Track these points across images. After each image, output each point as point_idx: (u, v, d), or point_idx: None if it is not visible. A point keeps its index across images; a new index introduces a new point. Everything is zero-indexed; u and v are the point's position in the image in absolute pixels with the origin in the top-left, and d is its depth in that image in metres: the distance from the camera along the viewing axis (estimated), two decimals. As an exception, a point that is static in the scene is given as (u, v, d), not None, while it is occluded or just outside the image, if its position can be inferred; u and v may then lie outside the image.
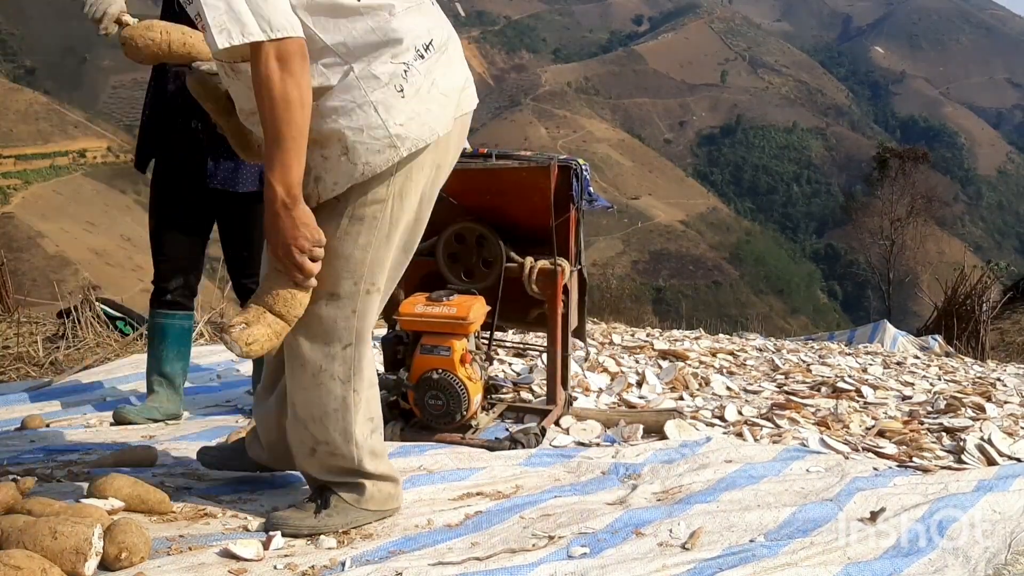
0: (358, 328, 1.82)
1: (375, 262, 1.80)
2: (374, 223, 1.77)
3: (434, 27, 1.79)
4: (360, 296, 1.80)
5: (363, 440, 1.88)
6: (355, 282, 1.79)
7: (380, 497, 1.93)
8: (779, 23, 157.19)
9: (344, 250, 1.76)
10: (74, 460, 2.41)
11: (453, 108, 1.82)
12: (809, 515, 2.04)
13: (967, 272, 9.47)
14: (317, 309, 1.78)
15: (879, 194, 28.83)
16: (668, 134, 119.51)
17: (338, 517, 1.88)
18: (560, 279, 2.91)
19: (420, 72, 1.74)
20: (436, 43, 1.77)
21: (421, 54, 1.74)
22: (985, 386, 4.26)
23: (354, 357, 1.83)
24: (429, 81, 1.75)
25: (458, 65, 1.85)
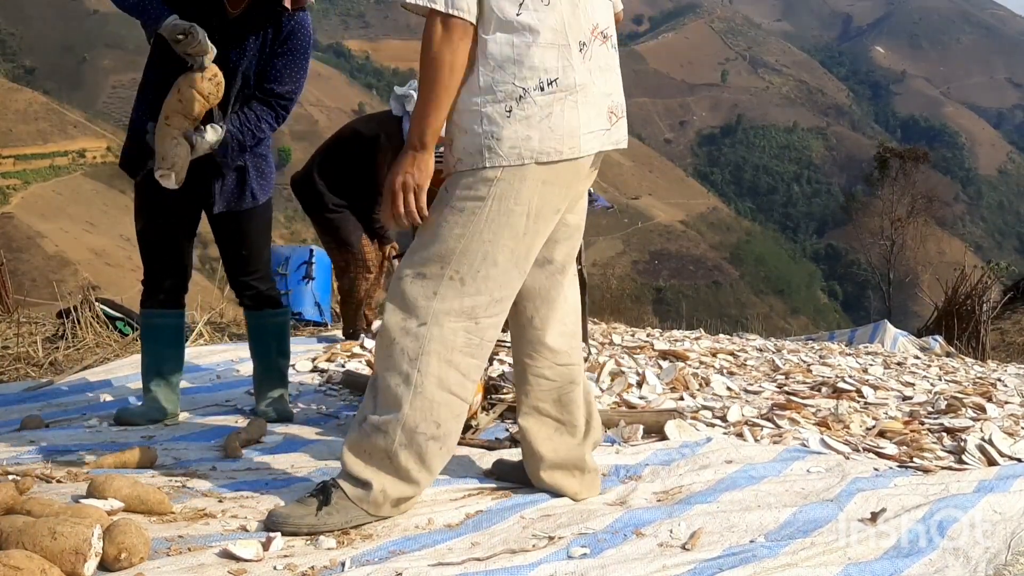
0: (436, 311, 1.87)
1: (465, 252, 1.88)
2: (471, 216, 1.87)
3: (568, 69, 1.90)
4: (444, 281, 1.88)
5: (414, 430, 1.88)
6: (441, 266, 1.88)
7: (385, 503, 1.92)
8: (779, 23, 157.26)
9: (440, 234, 1.89)
10: (74, 460, 2.41)
11: (562, 145, 1.92)
12: (810, 515, 2.03)
13: (967, 272, 9.47)
14: (404, 283, 1.90)
15: (879, 194, 28.85)
16: (668, 134, 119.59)
17: (338, 515, 1.87)
18: (560, 279, 2.90)
19: (536, 103, 1.87)
20: (562, 83, 1.89)
21: (542, 87, 1.88)
22: (986, 386, 4.26)
23: (427, 339, 1.87)
24: (545, 113, 1.88)
25: (585, 110, 1.94)
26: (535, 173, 1.89)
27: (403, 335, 1.89)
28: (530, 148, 1.87)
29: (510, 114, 1.86)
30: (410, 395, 1.88)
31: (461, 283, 1.89)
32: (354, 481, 1.91)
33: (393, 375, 1.89)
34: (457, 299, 1.88)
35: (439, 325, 1.88)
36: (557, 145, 1.90)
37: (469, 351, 1.91)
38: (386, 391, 1.90)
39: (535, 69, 1.86)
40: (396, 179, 1.87)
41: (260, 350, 3.12)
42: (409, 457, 1.90)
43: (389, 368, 1.90)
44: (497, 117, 1.86)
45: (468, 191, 1.88)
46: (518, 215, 1.89)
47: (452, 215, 1.89)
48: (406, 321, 1.89)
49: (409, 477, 1.92)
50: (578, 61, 1.92)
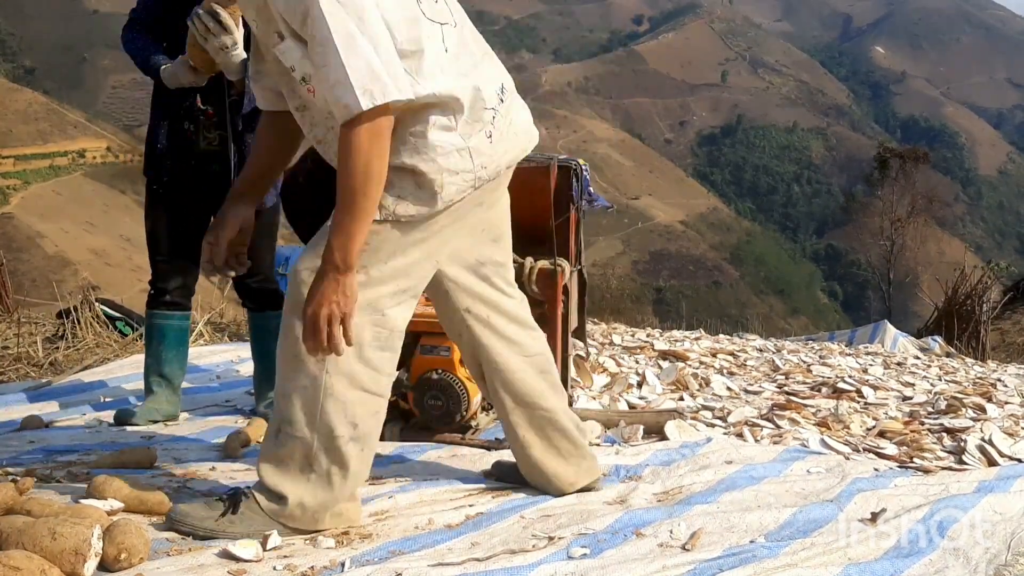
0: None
1: (374, 250, 1.78)
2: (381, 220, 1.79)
3: (502, 71, 1.92)
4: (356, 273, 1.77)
5: (330, 434, 1.80)
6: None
7: (304, 515, 1.83)
8: (779, 23, 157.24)
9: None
10: (74, 460, 2.41)
11: (526, 141, 1.94)
12: (810, 516, 2.03)
13: (967, 272, 9.48)
14: (302, 279, 1.78)
15: (879, 194, 28.83)
16: (668, 134, 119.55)
17: (240, 525, 1.79)
18: (560, 279, 2.91)
19: (502, 115, 1.86)
20: (507, 85, 1.90)
21: (501, 98, 1.86)
22: (986, 386, 4.26)
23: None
24: (507, 121, 1.88)
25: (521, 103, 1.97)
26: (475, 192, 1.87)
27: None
28: (505, 160, 1.87)
29: (491, 138, 1.83)
30: (321, 398, 1.79)
31: (366, 275, 1.78)
32: (269, 494, 1.83)
33: (301, 378, 1.80)
34: (360, 294, 1.76)
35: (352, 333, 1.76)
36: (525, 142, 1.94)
37: (379, 344, 1.83)
38: (296, 396, 1.81)
39: (489, 86, 1.84)
40: (320, 310, 1.68)
41: (262, 351, 3.12)
42: (330, 462, 1.82)
43: (296, 372, 1.80)
44: (482, 146, 1.82)
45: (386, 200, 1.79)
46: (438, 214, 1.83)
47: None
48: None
49: (331, 483, 1.83)
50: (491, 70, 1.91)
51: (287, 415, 1.82)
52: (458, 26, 1.86)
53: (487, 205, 1.98)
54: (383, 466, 2.41)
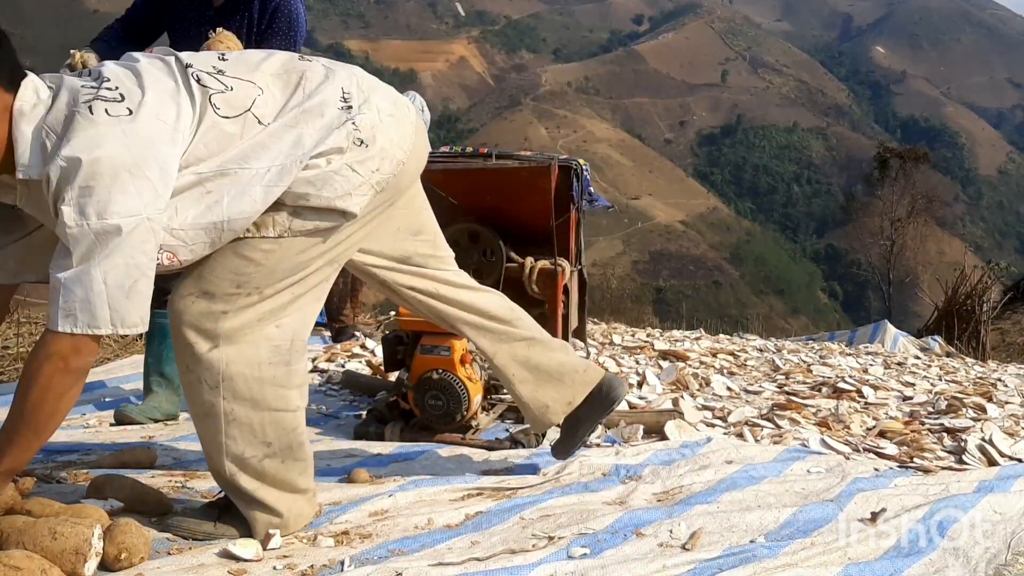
0: (227, 331, 1.70)
1: (269, 272, 1.72)
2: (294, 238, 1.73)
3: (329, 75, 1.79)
4: (239, 299, 1.71)
5: (240, 457, 1.76)
6: (238, 285, 1.70)
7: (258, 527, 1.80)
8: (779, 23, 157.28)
9: (241, 250, 1.70)
10: (74, 460, 2.41)
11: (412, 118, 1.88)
12: (810, 516, 2.03)
13: (967, 272, 9.48)
14: (186, 302, 1.71)
15: (879, 194, 28.81)
16: (668, 134, 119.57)
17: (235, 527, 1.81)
18: (560, 279, 2.91)
19: (364, 114, 1.77)
20: (345, 85, 1.79)
21: (348, 103, 1.76)
22: (986, 386, 4.26)
23: (226, 363, 1.71)
24: (375, 114, 1.79)
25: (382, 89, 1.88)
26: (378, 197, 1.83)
27: (196, 364, 1.72)
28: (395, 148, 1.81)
29: (364, 144, 1.75)
30: (223, 425, 1.73)
31: (260, 295, 1.72)
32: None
33: (198, 406, 1.75)
34: (252, 310, 1.71)
35: (235, 343, 1.71)
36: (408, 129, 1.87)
37: (279, 359, 1.75)
38: (200, 424, 1.77)
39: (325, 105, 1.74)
40: None
41: None
42: (251, 482, 1.78)
43: (193, 401, 1.76)
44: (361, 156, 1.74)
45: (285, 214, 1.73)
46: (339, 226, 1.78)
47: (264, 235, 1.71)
48: (193, 350, 1.71)
49: (263, 502, 1.79)
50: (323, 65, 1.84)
51: (202, 442, 1.80)
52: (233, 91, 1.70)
53: (398, 204, 1.94)
54: (383, 466, 2.41)
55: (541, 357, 2.20)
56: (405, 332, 2.79)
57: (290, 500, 1.83)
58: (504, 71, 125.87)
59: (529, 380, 2.20)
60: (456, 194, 3.02)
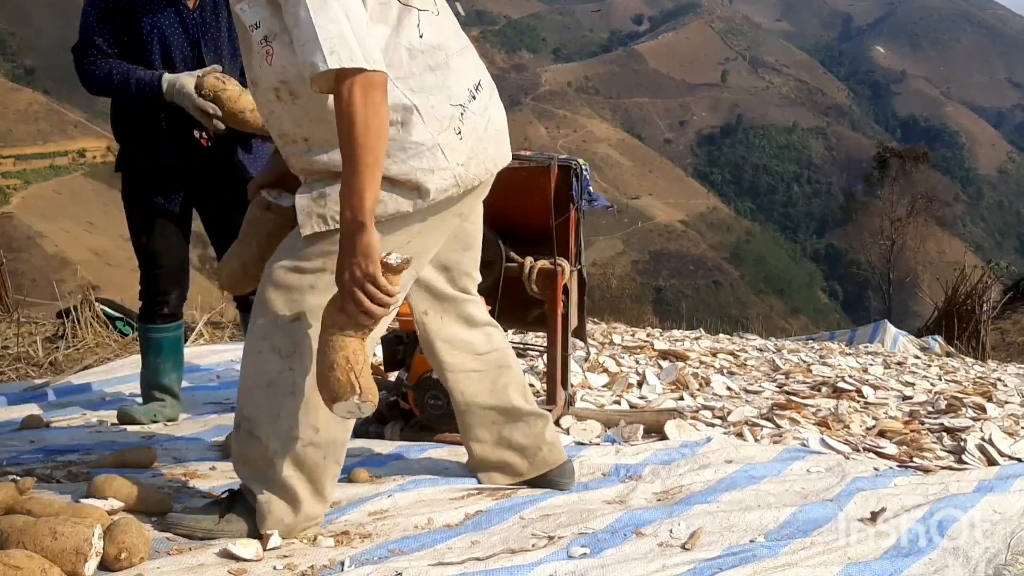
0: (312, 305, 1.73)
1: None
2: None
3: (480, 68, 1.89)
4: (325, 275, 1.72)
5: (288, 436, 1.76)
6: (324, 260, 1.75)
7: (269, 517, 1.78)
8: (779, 23, 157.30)
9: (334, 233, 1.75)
10: (74, 460, 2.41)
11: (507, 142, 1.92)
12: (809, 515, 2.03)
13: (967, 272, 9.49)
14: (277, 274, 1.76)
15: (879, 194, 28.85)
16: (668, 134, 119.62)
17: (236, 524, 1.79)
18: (560, 279, 2.91)
19: (475, 112, 1.82)
20: (484, 82, 1.87)
21: (474, 95, 1.83)
22: (986, 386, 4.26)
23: (302, 334, 1.74)
24: (485, 120, 1.85)
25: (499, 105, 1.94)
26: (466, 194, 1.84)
27: (274, 329, 1.75)
28: (487, 158, 1.84)
29: (460, 135, 1.78)
30: (282, 396, 1.75)
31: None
32: (247, 491, 1.81)
33: (264, 375, 1.76)
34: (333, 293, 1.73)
35: (315, 321, 1.72)
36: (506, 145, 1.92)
37: None
38: (257, 392, 1.77)
39: (460, 81, 1.81)
40: (344, 276, 1.61)
41: None
42: (288, 466, 1.77)
43: (259, 368, 1.77)
44: (454, 143, 1.77)
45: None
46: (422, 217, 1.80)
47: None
48: (278, 315, 1.75)
49: (290, 490, 1.78)
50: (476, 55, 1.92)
51: (247, 412, 1.79)
52: (439, 15, 1.83)
53: (464, 216, 1.97)
54: (383, 465, 2.42)
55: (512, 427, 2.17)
56: (405, 332, 2.79)
57: (312, 502, 1.82)
58: (504, 71, 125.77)
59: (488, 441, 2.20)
60: (456, 194, 3.02)
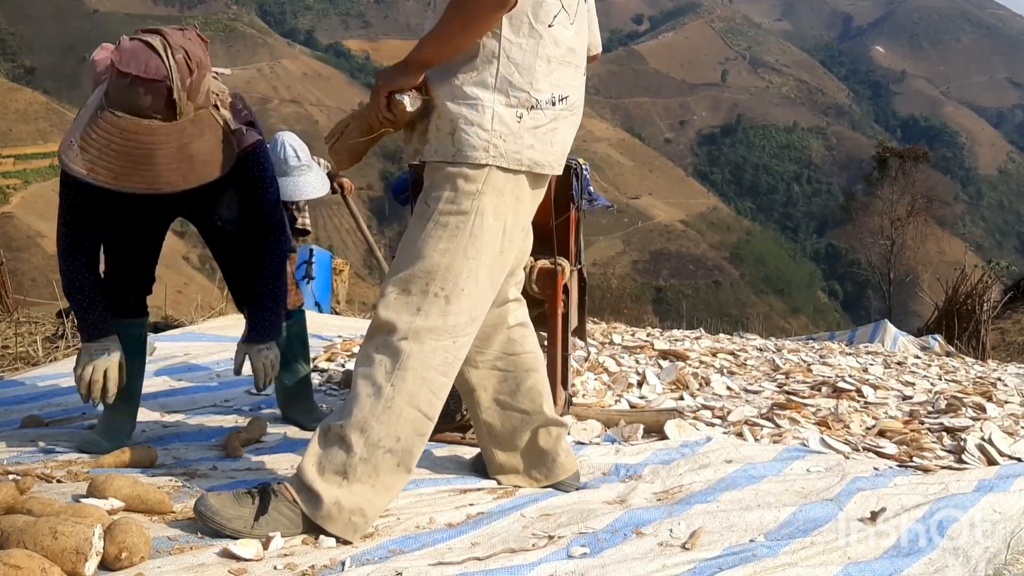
0: (418, 328, 1.86)
1: (449, 269, 1.86)
2: (456, 232, 1.86)
3: (577, 88, 1.96)
4: (428, 298, 1.86)
5: (376, 444, 1.84)
6: (427, 283, 1.87)
7: (340, 517, 1.82)
8: (779, 22, 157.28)
9: (424, 251, 1.87)
10: (74, 460, 2.41)
11: (555, 160, 1.95)
12: (809, 515, 2.04)
13: (968, 272, 9.48)
14: (389, 298, 1.89)
15: (879, 194, 28.86)
16: (668, 134, 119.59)
17: (271, 526, 1.80)
18: (560, 279, 2.91)
19: (545, 116, 1.88)
20: (571, 101, 1.94)
21: (554, 102, 1.89)
22: (986, 386, 4.26)
23: (406, 354, 1.85)
24: (551, 127, 1.90)
25: (575, 129, 2.00)
26: (516, 185, 1.90)
27: (384, 348, 1.87)
28: (530, 157, 1.88)
29: (520, 120, 1.85)
30: (379, 408, 1.85)
31: (446, 301, 1.87)
32: (307, 493, 1.83)
33: (367, 386, 1.87)
34: (440, 317, 1.87)
35: (420, 342, 1.86)
36: (551, 159, 1.94)
37: (443, 370, 1.90)
38: (356, 402, 1.87)
39: (553, 84, 1.88)
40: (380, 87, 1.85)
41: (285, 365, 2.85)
42: (365, 471, 1.85)
43: (364, 379, 1.88)
44: (509, 120, 1.84)
45: (451, 205, 1.87)
46: (495, 231, 1.90)
47: (436, 230, 1.87)
48: (388, 336, 1.87)
49: (362, 491, 1.84)
50: (581, 82, 1.98)
51: (344, 419, 1.86)
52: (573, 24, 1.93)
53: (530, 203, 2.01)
54: (383, 465, 2.41)
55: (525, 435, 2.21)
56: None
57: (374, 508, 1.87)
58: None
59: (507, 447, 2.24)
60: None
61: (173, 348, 4.21)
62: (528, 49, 1.84)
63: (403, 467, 1.90)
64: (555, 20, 1.86)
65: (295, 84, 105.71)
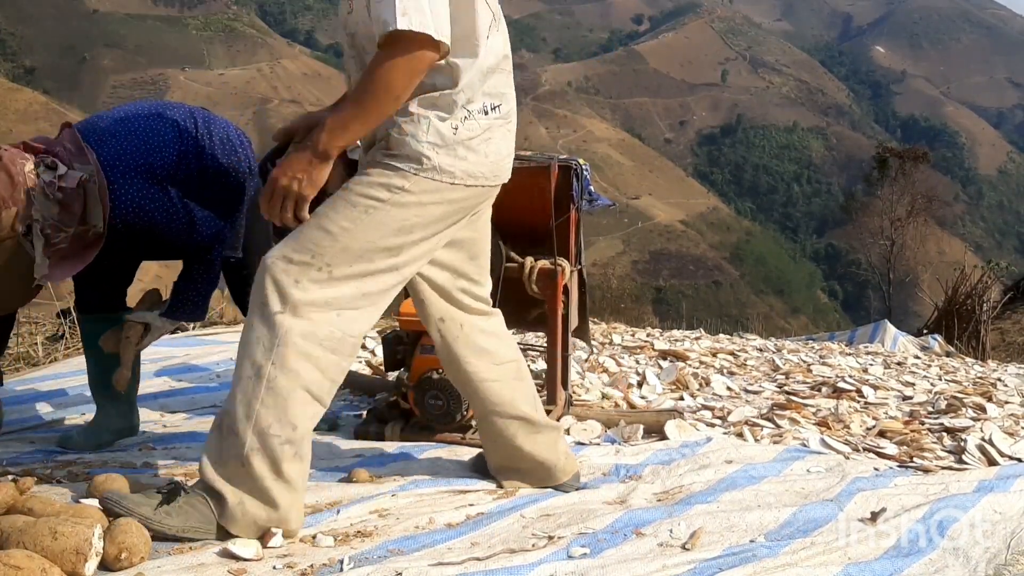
0: (295, 301, 1.75)
1: (345, 248, 1.78)
2: (363, 214, 1.79)
3: (509, 94, 1.95)
4: (311, 271, 1.76)
5: (265, 430, 1.74)
6: (313, 255, 1.77)
7: (243, 521, 1.75)
8: (779, 22, 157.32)
9: (323, 223, 1.79)
10: (74, 460, 2.42)
11: (490, 171, 1.91)
12: (810, 515, 2.03)
13: (967, 272, 9.47)
14: (269, 266, 1.77)
15: (879, 194, 28.85)
16: (668, 134, 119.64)
17: (176, 519, 1.74)
18: (560, 279, 2.91)
19: (479, 126, 1.86)
20: (504, 110, 1.92)
21: (486, 111, 1.88)
22: (986, 386, 4.26)
23: (285, 328, 1.74)
24: (485, 137, 1.88)
25: (511, 137, 1.98)
26: (453, 193, 1.85)
27: (261, 322, 1.76)
28: (463, 169, 1.85)
29: (455, 132, 1.83)
30: (261, 390, 1.74)
31: (329, 275, 1.78)
32: (209, 491, 1.76)
33: (246, 366, 1.76)
34: (320, 290, 1.77)
35: (299, 316, 1.75)
36: (486, 170, 1.90)
37: (331, 346, 1.78)
38: (238, 385, 1.77)
39: (486, 93, 1.87)
40: (282, 179, 1.73)
41: None
42: (263, 464, 1.74)
43: (243, 358, 1.78)
44: (444, 131, 1.82)
45: (370, 189, 1.81)
46: (413, 225, 1.83)
47: (344, 208, 1.80)
48: (264, 308, 1.76)
49: (264, 489, 1.75)
50: (512, 86, 1.97)
51: (230, 407, 1.78)
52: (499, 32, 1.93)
53: (462, 225, 1.97)
54: (383, 465, 2.42)
55: (524, 440, 2.18)
56: (405, 332, 2.79)
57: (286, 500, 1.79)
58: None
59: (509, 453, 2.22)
60: (456, 194, 3.02)
61: (173, 349, 4.21)
62: (466, 66, 1.82)
63: (300, 457, 1.79)
64: (490, 30, 1.85)
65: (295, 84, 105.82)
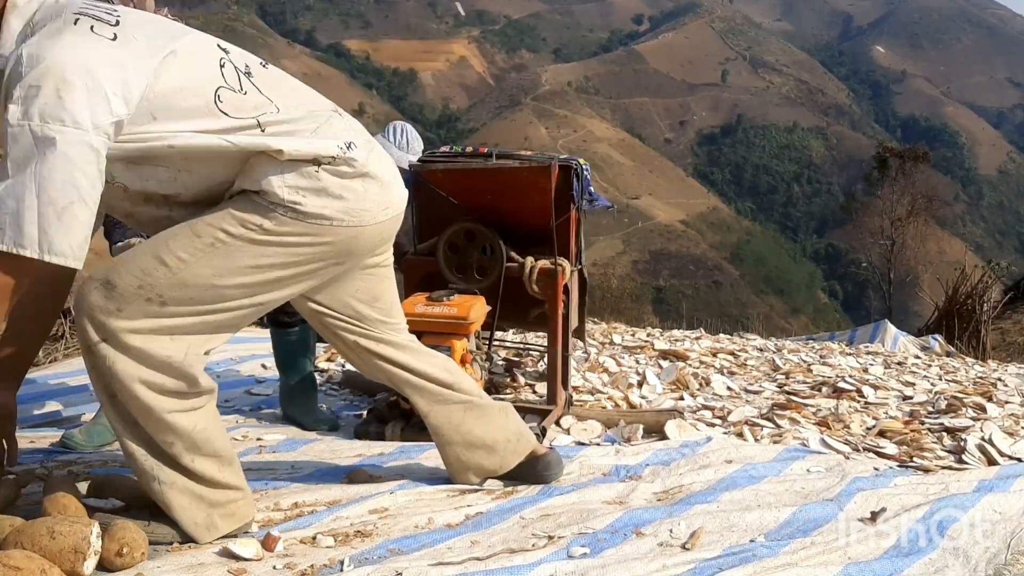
0: (114, 328, 1.63)
1: (178, 281, 1.65)
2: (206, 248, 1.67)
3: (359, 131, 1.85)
4: (138, 302, 1.64)
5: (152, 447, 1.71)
6: (140, 284, 1.64)
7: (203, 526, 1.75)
8: (780, 22, 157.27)
9: (156, 247, 1.67)
10: (74, 460, 2.41)
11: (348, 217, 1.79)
12: (810, 515, 2.03)
13: (968, 272, 9.46)
14: (88, 293, 1.65)
15: (879, 194, 28.82)
16: (668, 134, 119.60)
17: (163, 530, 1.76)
18: (560, 279, 2.91)
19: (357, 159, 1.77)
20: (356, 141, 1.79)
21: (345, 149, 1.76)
22: (986, 386, 4.26)
23: (111, 362, 1.64)
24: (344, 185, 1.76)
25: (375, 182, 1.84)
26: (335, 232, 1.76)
27: (86, 353, 1.68)
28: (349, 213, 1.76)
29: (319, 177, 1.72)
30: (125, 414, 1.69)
31: (159, 303, 1.64)
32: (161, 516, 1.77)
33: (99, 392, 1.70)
34: (149, 320, 1.64)
35: (119, 345, 1.64)
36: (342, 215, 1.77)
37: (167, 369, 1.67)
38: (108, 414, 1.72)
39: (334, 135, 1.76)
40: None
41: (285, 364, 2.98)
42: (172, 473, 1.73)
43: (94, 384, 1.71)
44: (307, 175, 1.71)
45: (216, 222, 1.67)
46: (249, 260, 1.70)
47: (184, 235, 1.67)
48: (84, 335, 1.66)
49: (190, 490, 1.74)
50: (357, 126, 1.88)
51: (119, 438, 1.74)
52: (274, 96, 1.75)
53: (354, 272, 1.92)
54: (383, 466, 2.41)
55: (474, 423, 2.16)
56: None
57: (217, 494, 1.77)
58: (504, 71, 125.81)
59: (458, 443, 2.17)
60: (456, 194, 3.02)
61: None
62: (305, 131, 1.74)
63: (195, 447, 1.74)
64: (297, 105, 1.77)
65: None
